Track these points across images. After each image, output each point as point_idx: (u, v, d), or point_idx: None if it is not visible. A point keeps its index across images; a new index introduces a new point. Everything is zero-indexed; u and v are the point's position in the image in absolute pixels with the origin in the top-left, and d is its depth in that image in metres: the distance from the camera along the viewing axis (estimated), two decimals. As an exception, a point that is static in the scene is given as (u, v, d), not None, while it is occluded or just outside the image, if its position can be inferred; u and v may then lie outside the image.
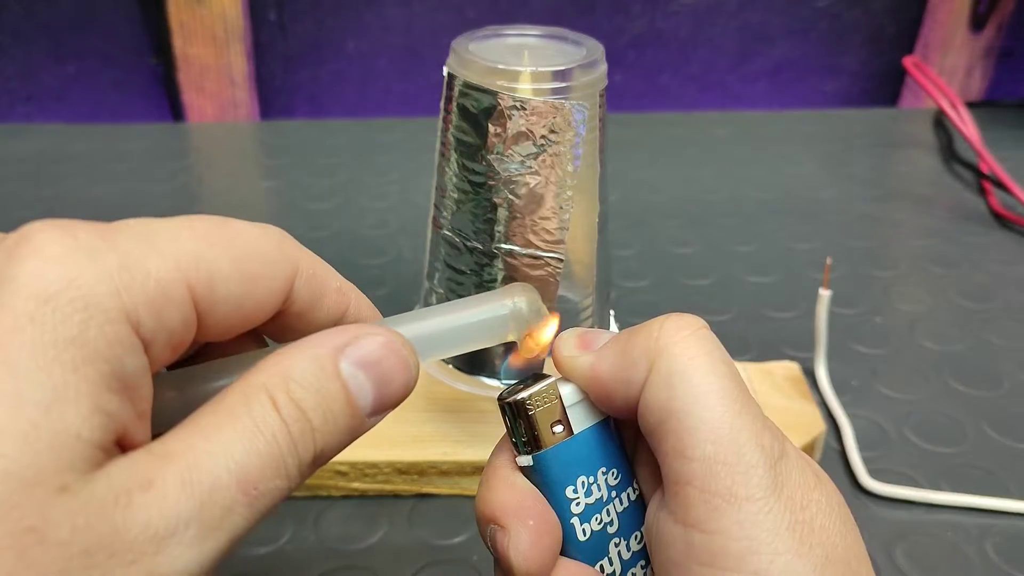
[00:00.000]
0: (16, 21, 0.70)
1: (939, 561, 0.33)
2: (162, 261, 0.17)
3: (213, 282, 0.18)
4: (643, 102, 0.79)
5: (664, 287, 0.50)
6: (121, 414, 0.16)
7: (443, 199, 0.31)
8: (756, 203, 0.60)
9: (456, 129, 0.30)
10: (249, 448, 0.17)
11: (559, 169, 0.29)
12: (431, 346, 0.22)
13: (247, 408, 0.17)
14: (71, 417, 0.15)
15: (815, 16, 0.76)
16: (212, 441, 0.17)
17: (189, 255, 0.18)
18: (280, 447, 0.18)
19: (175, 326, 0.18)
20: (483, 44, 0.31)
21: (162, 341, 0.17)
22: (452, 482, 0.35)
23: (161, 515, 0.16)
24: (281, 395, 0.18)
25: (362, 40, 0.74)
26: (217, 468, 0.16)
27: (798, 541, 0.18)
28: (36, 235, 0.16)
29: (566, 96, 0.29)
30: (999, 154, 0.60)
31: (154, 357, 0.17)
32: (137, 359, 0.17)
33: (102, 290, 0.16)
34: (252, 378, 0.18)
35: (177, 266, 0.18)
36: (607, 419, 0.22)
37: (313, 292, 0.21)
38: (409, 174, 0.63)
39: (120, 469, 0.16)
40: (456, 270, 0.32)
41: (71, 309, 0.16)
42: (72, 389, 0.15)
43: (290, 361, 0.18)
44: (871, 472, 0.36)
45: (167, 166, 0.64)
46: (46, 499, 0.15)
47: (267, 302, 0.20)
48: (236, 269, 0.19)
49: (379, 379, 0.19)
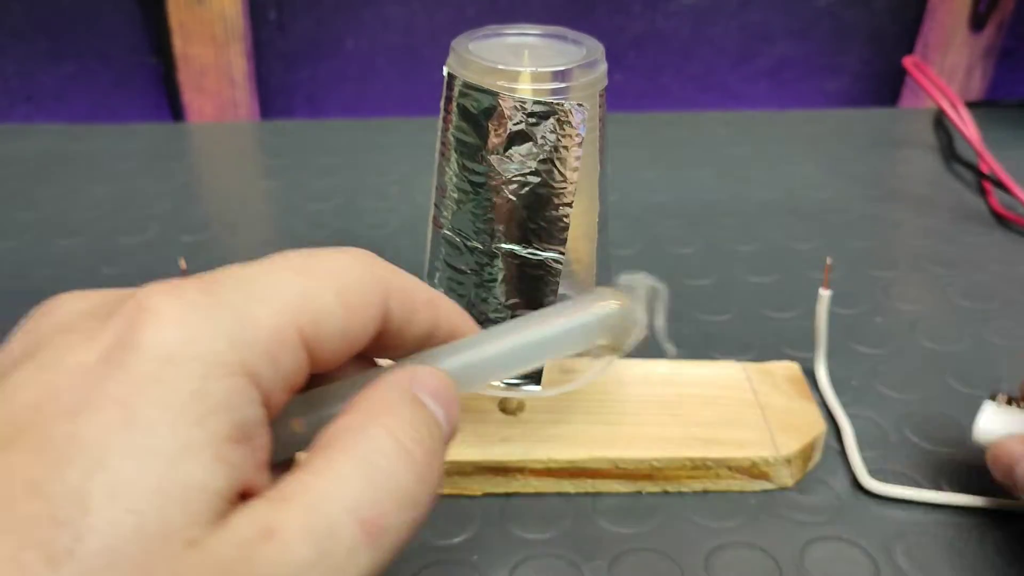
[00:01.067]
0: (16, 21, 0.70)
1: (939, 561, 0.33)
2: (270, 309, 0.18)
3: (319, 320, 0.19)
4: (643, 102, 0.79)
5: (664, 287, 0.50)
6: (243, 464, 0.17)
7: (443, 199, 0.31)
8: (756, 203, 0.60)
9: (456, 129, 0.30)
10: (366, 483, 0.17)
11: (559, 169, 0.29)
12: (523, 359, 0.23)
13: (357, 441, 0.18)
14: (196, 470, 0.16)
15: (815, 16, 0.76)
16: (327, 479, 0.17)
17: (294, 298, 0.19)
18: (400, 477, 0.18)
19: (289, 370, 0.18)
20: (483, 44, 0.31)
21: (278, 387, 0.18)
22: (452, 482, 0.35)
23: (284, 565, 0.16)
24: (391, 423, 0.18)
25: (362, 39, 0.74)
26: (335, 509, 0.17)
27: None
28: (151, 300, 0.17)
29: (566, 96, 0.29)
30: (999, 154, 0.60)
31: (271, 404, 0.18)
32: (255, 409, 0.17)
33: (219, 346, 0.17)
34: (354, 412, 0.19)
35: (284, 311, 0.18)
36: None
37: (405, 308, 0.21)
38: (409, 174, 0.63)
39: (242, 519, 0.16)
40: (456, 269, 0.32)
41: (192, 366, 0.16)
42: (196, 442, 0.16)
43: (382, 394, 0.19)
44: (871, 472, 0.36)
45: (167, 166, 0.64)
46: (176, 554, 0.15)
47: (368, 327, 0.20)
48: (338, 303, 0.19)
49: (447, 408, 0.20)
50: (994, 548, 0.33)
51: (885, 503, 0.35)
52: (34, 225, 0.56)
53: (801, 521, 0.34)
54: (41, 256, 0.52)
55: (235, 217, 0.57)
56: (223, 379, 0.17)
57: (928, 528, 0.34)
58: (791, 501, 0.35)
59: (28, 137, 0.69)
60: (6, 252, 0.53)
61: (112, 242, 0.54)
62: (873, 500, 0.35)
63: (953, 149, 0.67)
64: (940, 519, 0.34)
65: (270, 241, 0.54)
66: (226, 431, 0.16)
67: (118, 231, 0.55)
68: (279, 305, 0.18)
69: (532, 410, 0.37)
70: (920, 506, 0.35)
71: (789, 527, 0.34)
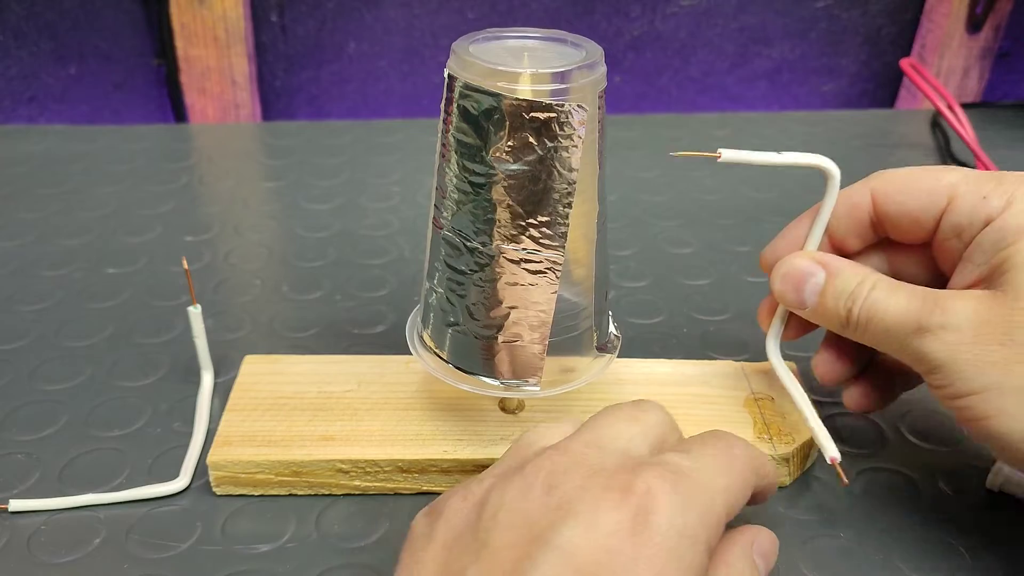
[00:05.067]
0: (18, 22, 0.70)
1: (939, 561, 0.33)
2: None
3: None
4: (642, 104, 0.80)
5: (663, 287, 0.51)
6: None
7: (443, 200, 0.32)
8: (754, 203, 0.61)
9: (456, 130, 0.30)
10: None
11: (559, 170, 0.29)
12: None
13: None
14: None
15: (813, 18, 0.77)
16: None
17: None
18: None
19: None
20: (483, 46, 0.31)
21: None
22: (453, 480, 0.36)
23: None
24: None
25: (363, 42, 0.74)
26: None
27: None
28: (656, 490, 0.23)
29: (566, 97, 0.29)
30: (995, 155, 0.60)
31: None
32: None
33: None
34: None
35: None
36: None
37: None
38: (410, 175, 0.64)
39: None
40: (456, 270, 0.32)
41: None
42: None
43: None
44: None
45: (169, 167, 0.65)
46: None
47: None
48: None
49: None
50: (994, 548, 0.34)
51: (882, 502, 0.36)
52: (37, 226, 0.56)
53: (798, 519, 0.35)
54: (44, 257, 0.53)
55: (237, 218, 0.58)
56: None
57: (928, 528, 0.34)
58: (788, 500, 0.36)
59: (31, 138, 0.69)
60: (9, 252, 0.53)
61: (115, 243, 0.55)
62: (872, 499, 0.36)
63: (950, 150, 0.68)
64: (940, 518, 0.35)
65: (272, 242, 0.54)
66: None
67: (121, 232, 0.56)
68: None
69: (532, 409, 0.37)
70: (918, 505, 0.35)
71: (786, 526, 0.34)
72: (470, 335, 0.33)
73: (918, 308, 0.30)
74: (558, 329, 0.33)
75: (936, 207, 0.32)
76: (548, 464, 0.25)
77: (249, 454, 0.35)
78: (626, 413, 0.29)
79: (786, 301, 0.34)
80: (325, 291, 0.50)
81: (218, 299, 0.49)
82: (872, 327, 0.31)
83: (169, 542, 0.34)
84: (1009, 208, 0.30)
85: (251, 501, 0.35)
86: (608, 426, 0.28)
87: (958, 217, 0.31)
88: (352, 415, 0.37)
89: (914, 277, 0.34)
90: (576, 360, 0.35)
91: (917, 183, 0.32)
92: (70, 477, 0.37)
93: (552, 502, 0.24)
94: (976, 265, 0.30)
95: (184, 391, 0.41)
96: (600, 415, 0.29)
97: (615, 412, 0.29)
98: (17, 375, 0.42)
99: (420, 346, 0.35)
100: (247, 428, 0.36)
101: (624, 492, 0.23)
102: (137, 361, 0.44)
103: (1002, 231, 0.30)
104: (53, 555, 0.33)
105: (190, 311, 0.39)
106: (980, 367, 0.29)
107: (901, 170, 0.34)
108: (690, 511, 0.24)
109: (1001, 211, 0.30)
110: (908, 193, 0.32)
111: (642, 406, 0.29)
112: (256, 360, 0.40)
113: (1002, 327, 0.28)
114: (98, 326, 0.46)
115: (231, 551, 0.33)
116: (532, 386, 0.33)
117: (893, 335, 0.31)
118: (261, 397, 0.38)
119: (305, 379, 0.39)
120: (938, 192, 0.32)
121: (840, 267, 0.33)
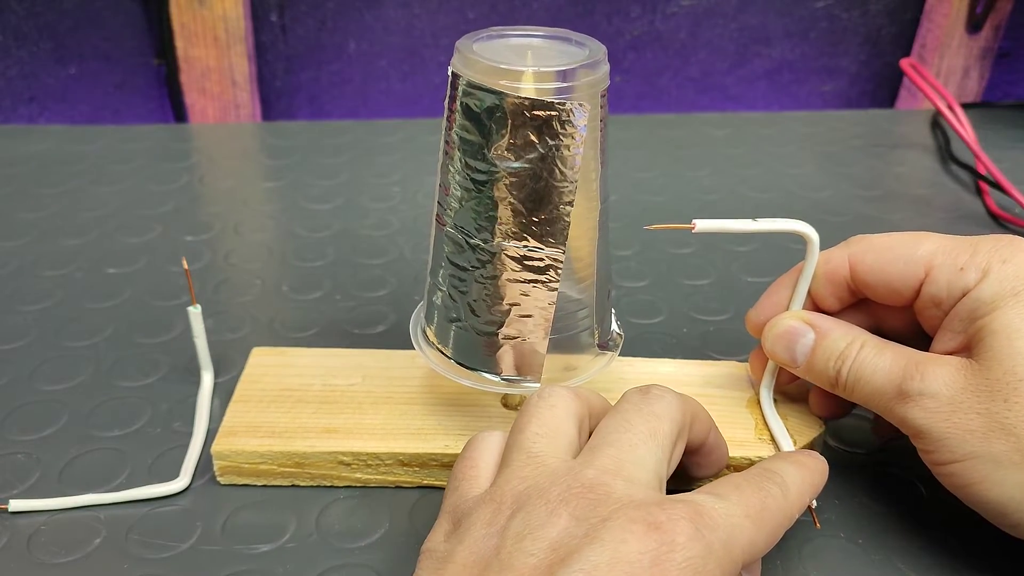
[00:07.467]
0: (18, 22, 0.70)
1: (939, 561, 0.33)
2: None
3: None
4: (642, 104, 0.80)
5: (663, 287, 0.51)
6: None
7: (446, 197, 0.32)
8: (754, 204, 0.61)
9: (459, 128, 0.30)
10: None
11: (560, 169, 0.29)
12: None
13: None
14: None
15: (813, 18, 0.77)
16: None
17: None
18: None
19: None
20: (487, 44, 0.31)
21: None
22: (454, 479, 0.36)
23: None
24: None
25: (363, 42, 0.74)
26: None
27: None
28: (680, 531, 0.24)
29: (568, 96, 0.29)
30: (996, 155, 0.60)
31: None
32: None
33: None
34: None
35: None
36: None
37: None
38: (410, 175, 0.64)
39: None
40: (458, 267, 0.32)
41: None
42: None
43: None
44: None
45: (169, 167, 0.65)
46: None
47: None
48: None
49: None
50: (994, 548, 0.33)
51: (882, 502, 0.36)
52: (37, 226, 0.56)
53: (800, 519, 0.35)
54: (44, 257, 0.53)
55: (237, 218, 0.57)
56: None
57: (928, 527, 0.34)
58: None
59: (31, 138, 0.69)
60: (10, 252, 0.53)
61: (115, 242, 0.54)
62: (872, 500, 0.36)
63: (950, 150, 0.68)
64: (940, 518, 0.35)
65: (272, 242, 0.54)
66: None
67: (121, 232, 0.56)
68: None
69: (533, 408, 0.37)
70: (915, 504, 0.35)
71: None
72: (472, 331, 0.33)
73: (900, 372, 0.31)
74: (559, 326, 0.33)
75: (914, 277, 0.32)
76: (576, 495, 0.26)
77: (253, 444, 0.35)
78: (643, 428, 0.28)
79: (778, 359, 0.35)
80: (325, 291, 0.50)
81: (218, 299, 0.48)
82: (859, 388, 0.32)
83: (169, 542, 0.33)
84: (985, 279, 0.30)
85: (251, 501, 0.35)
86: (631, 449, 0.28)
87: (936, 289, 0.32)
88: (356, 408, 0.37)
89: (898, 331, 0.35)
90: (577, 358, 0.35)
91: (893, 252, 0.33)
92: (70, 477, 0.36)
93: (579, 531, 0.24)
94: (955, 333, 0.31)
95: (184, 391, 0.41)
96: (617, 428, 0.29)
97: (632, 427, 0.28)
98: (17, 375, 0.42)
99: (423, 342, 0.35)
100: (252, 419, 0.36)
101: (649, 527, 0.24)
102: (137, 361, 0.43)
103: (977, 301, 0.30)
104: (53, 555, 0.33)
105: (190, 311, 0.39)
106: (960, 435, 0.29)
107: (878, 237, 0.34)
108: (710, 558, 0.24)
109: (977, 282, 0.30)
110: (885, 262, 0.33)
111: (654, 407, 0.29)
112: (264, 352, 0.41)
113: (978, 396, 0.29)
114: (98, 326, 0.46)
115: (231, 551, 0.33)
116: (533, 383, 0.33)
117: (878, 398, 0.31)
118: (267, 389, 0.38)
119: (311, 372, 0.39)
120: (915, 262, 0.32)
121: (829, 328, 0.33)
